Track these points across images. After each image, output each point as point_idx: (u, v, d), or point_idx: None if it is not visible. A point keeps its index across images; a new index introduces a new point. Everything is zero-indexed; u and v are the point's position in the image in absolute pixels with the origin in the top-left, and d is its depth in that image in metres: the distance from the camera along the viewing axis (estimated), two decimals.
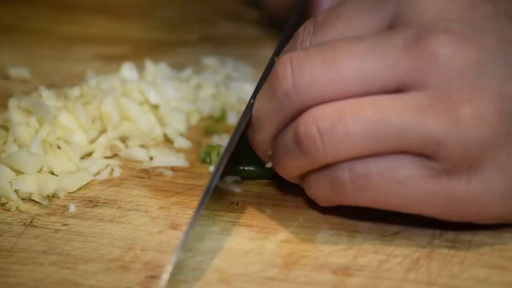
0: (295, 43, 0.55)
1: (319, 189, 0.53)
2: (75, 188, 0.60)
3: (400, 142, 0.50)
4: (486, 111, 0.50)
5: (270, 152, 0.56)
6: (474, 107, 0.49)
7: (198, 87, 0.70)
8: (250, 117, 0.55)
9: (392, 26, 0.52)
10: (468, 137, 0.49)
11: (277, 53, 0.58)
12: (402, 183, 0.51)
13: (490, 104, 0.50)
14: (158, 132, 0.66)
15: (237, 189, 0.59)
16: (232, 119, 0.68)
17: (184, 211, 0.58)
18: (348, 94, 0.51)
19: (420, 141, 0.50)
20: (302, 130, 0.51)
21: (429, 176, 0.50)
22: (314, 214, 0.57)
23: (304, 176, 0.54)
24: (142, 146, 0.65)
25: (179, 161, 0.63)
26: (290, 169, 0.54)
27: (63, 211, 0.58)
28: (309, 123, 0.51)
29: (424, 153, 0.50)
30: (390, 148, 0.50)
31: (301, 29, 0.55)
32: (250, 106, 0.55)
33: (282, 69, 0.52)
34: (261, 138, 0.55)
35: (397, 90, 0.51)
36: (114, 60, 0.77)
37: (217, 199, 0.59)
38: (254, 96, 0.56)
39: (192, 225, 0.52)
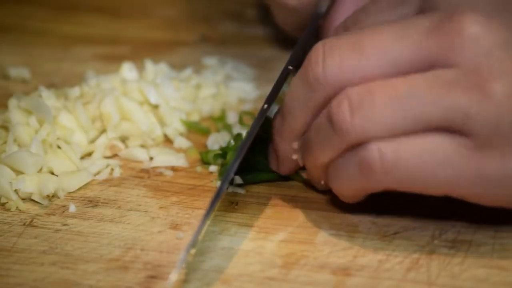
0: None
1: (346, 175, 0.53)
2: (75, 188, 0.60)
3: (429, 117, 0.50)
4: None
5: (295, 145, 0.56)
6: (505, 84, 0.49)
7: (198, 87, 0.70)
8: (264, 123, 0.56)
9: (420, 13, 0.53)
10: (499, 113, 0.49)
11: (291, 62, 0.59)
12: (433, 160, 0.50)
13: None
14: (158, 132, 0.66)
15: (242, 191, 0.59)
16: (232, 119, 0.68)
17: (184, 211, 0.58)
18: (377, 76, 0.51)
19: (449, 115, 0.49)
20: (334, 107, 0.52)
21: (461, 152, 0.50)
22: (314, 214, 0.57)
23: (331, 165, 0.54)
24: (142, 146, 0.65)
25: (179, 161, 0.63)
26: (320, 155, 0.54)
27: (63, 211, 0.58)
28: (341, 100, 0.51)
29: (454, 128, 0.50)
30: (419, 124, 0.50)
31: (333, 31, 0.56)
32: (263, 112, 0.56)
33: (315, 54, 0.53)
34: (291, 125, 0.55)
35: (426, 69, 0.51)
36: (114, 60, 0.77)
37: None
38: (268, 101, 0.56)
39: (199, 231, 0.52)
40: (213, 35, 0.83)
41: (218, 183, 0.60)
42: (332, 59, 0.52)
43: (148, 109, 0.66)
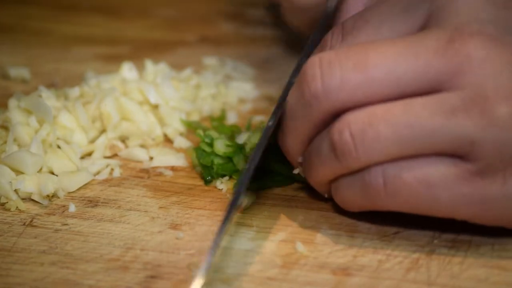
0: (323, 49, 0.55)
1: (350, 194, 0.53)
2: (75, 188, 0.60)
3: (433, 144, 0.49)
4: None
5: (300, 159, 0.56)
6: (510, 106, 0.49)
7: (198, 87, 0.70)
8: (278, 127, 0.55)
9: (424, 28, 0.52)
10: (505, 137, 0.49)
11: (295, 75, 0.57)
12: (436, 185, 0.50)
13: None
14: (158, 132, 0.66)
15: (246, 202, 0.59)
16: (232, 119, 0.68)
17: (184, 211, 0.58)
18: (380, 96, 0.50)
19: (454, 141, 0.49)
20: (336, 135, 0.51)
21: (463, 177, 0.50)
22: (314, 214, 0.57)
23: (334, 181, 0.54)
24: (142, 146, 0.65)
25: (179, 161, 0.63)
26: (322, 174, 0.54)
27: (63, 211, 0.58)
28: (342, 128, 0.51)
29: (458, 154, 0.50)
30: (422, 150, 0.50)
31: (328, 35, 0.55)
32: (268, 129, 0.55)
33: (311, 71, 0.51)
34: (292, 141, 0.55)
35: (430, 92, 0.50)
36: (114, 60, 0.77)
37: (217, 199, 0.59)
38: (273, 117, 0.55)
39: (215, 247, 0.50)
40: (213, 35, 0.83)
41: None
42: (332, 75, 0.51)
43: (148, 109, 0.66)
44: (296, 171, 0.57)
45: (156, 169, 0.62)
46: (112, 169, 0.62)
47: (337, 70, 0.51)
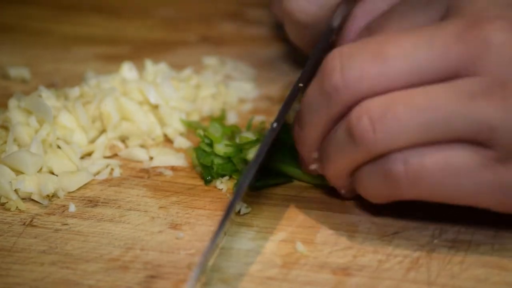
0: None
1: (371, 184, 0.52)
2: (75, 188, 0.60)
3: (452, 129, 0.49)
4: None
5: (315, 155, 0.55)
6: None
7: (198, 87, 0.70)
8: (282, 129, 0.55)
9: (443, 18, 0.52)
10: None
11: (302, 79, 0.57)
12: (458, 172, 0.50)
13: None
14: (158, 132, 0.66)
15: (246, 210, 0.58)
16: (232, 119, 0.68)
17: (184, 210, 0.58)
18: (400, 85, 0.50)
19: (473, 127, 0.49)
20: (354, 121, 0.51)
21: (485, 164, 0.50)
22: (314, 214, 0.57)
23: (354, 172, 0.53)
24: (142, 146, 0.65)
25: (179, 161, 0.63)
26: (341, 165, 0.53)
27: (63, 211, 0.58)
28: (361, 114, 0.50)
29: (478, 140, 0.49)
30: (443, 136, 0.50)
31: (357, 37, 0.55)
32: (272, 131, 0.55)
33: (331, 63, 0.51)
34: (309, 135, 0.54)
35: (450, 78, 0.50)
36: (114, 60, 0.77)
37: (217, 199, 0.59)
38: (278, 120, 0.55)
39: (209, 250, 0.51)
40: (213, 35, 0.83)
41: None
42: (352, 67, 0.51)
43: (148, 109, 0.66)
44: (312, 167, 0.56)
45: (156, 169, 0.62)
46: (112, 169, 0.62)
47: (357, 61, 0.51)
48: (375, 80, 0.50)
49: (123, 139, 0.65)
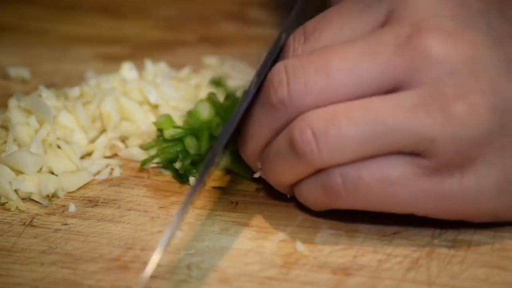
0: (287, 54, 0.55)
1: (311, 195, 0.53)
2: (75, 188, 0.60)
3: (394, 142, 0.50)
4: (479, 107, 0.49)
5: (259, 165, 0.56)
6: (467, 103, 0.49)
7: (197, 86, 0.70)
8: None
9: (384, 24, 0.52)
10: (462, 133, 0.49)
11: (285, 29, 0.57)
12: (394, 183, 0.51)
13: (483, 99, 0.50)
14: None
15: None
16: None
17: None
18: (343, 98, 0.51)
19: (413, 139, 0.49)
20: (297, 134, 0.51)
21: (421, 174, 0.50)
22: (314, 214, 0.57)
23: (295, 184, 0.54)
24: (142, 146, 0.65)
25: None
26: (283, 176, 0.54)
27: (63, 211, 0.58)
28: (304, 127, 0.51)
29: (417, 151, 0.50)
30: (384, 149, 0.50)
31: (290, 39, 0.55)
32: (252, 85, 0.54)
33: (277, 77, 0.52)
34: (253, 147, 0.55)
35: (392, 90, 0.51)
36: (114, 60, 0.77)
37: (217, 198, 0.59)
38: (258, 74, 0.54)
39: (175, 225, 0.51)
40: (213, 35, 0.83)
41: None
42: (297, 83, 0.51)
43: (148, 109, 0.66)
44: (256, 175, 0.57)
45: (156, 169, 0.62)
46: (112, 169, 0.62)
47: (301, 75, 0.51)
48: (320, 92, 0.51)
49: (123, 139, 0.65)
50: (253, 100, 0.55)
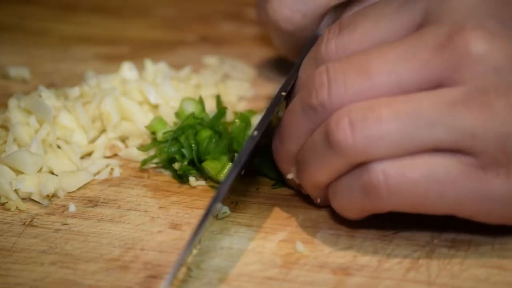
0: (320, 44, 0.55)
1: (347, 198, 0.52)
2: (75, 188, 0.60)
3: (433, 136, 0.49)
4: None
5: (293, 170, 0.55)
6: (509, 99, 0.49)
7: (197, 86, 0.70)
8: (268, 128, 0.55)
9: (422, 25, 0.52)
10: (506, 130, 0.49)
11: (284, 88, 0.57)
12: (440, 181, 0.50)
13: None
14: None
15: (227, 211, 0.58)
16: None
17: (184, 210, 0.58)
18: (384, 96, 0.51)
19: (454, 134, 0.49)
20: (333, 124, 0.50)
21: (467, 172, 0.49)
22: (314, 214, 0.57)
23: (331, 184, 0.53)
24: (142, 146, 0.65)
25: None
26: (317, 174, 0.53)
27: (63, 211, 0.58)
28: (341, 116, 0.50)
29: (459, 148, 0.49)
30: (423, 143, 0.49)
31: (326, 30, 0.55)
32: (253, 138, 0.54)
33: (319, 78, 0.52)
34: (288, 149, 0.54)
35: (432, 89, 0.50)
36: (114, 60, 0.77)
37: None
38: (258, 128, 0.54)
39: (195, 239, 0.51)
40: (213, 35, 0.83)
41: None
42: (337, 85, 0.51)
43: (148, 109, 0.66)
44: (289, 176, 0.56)
45: (156, 169, 0.62)
46: (112, 169, 0.62)
47: (341, 78, 0.51)
48: (359, 93, 0.51)
49: (123, 139, 0.65)
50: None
